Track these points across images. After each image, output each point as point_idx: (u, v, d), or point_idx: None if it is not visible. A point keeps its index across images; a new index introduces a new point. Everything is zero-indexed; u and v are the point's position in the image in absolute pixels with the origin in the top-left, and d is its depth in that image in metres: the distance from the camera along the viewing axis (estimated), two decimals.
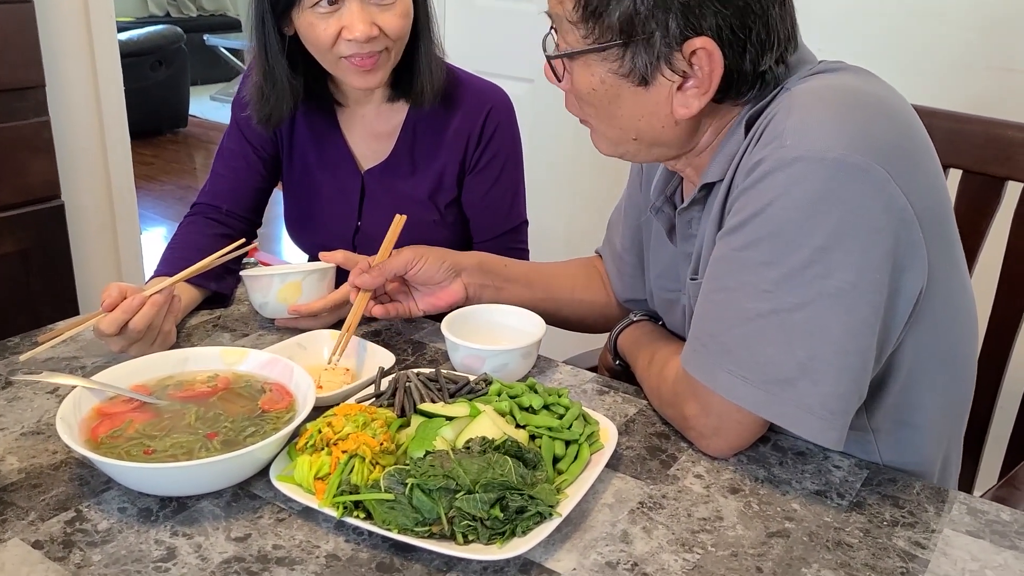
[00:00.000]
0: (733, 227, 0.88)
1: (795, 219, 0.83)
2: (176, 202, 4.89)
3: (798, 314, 0.84)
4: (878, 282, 0.84)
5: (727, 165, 0.93)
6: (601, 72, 0.91)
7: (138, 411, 0.94)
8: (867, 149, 0.81)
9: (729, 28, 0.86)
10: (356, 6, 1.24)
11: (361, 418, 0.88)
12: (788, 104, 0.87)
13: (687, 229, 1.04)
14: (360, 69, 1.28)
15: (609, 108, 0.94)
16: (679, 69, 0.88)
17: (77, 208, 2.24)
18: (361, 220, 1.47)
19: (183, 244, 1.40)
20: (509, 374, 1.09)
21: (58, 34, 2.12)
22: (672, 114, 0.92)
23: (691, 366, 0.93)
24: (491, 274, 1.23)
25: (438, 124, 1.42)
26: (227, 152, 1.49)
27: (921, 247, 0.86)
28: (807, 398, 0.85)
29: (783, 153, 0.83)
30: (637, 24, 0.86)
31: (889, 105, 0.88)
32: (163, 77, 5.95)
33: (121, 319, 1.09)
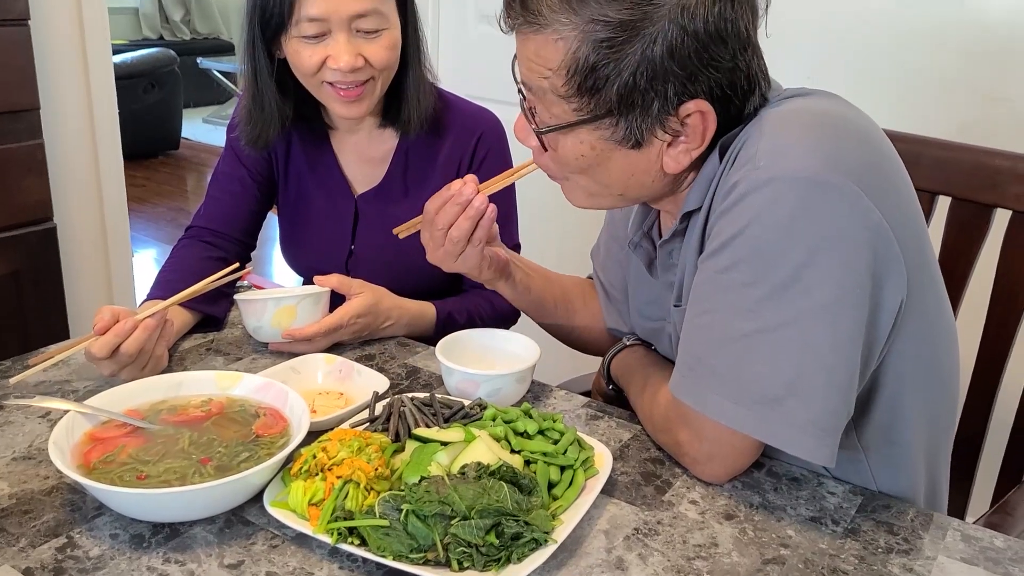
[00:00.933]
0: (713, 250, 0.89)
1: (773, 238, 0.84)
2: (168, 224, 4.88)
3: (782, 332, 0.85)
4: (859, 297, 0.85)
5: (705, 191, 0.94)
6: (591, 140, 0.92)
7: (131, 436, 0.94)
8: (838, 167, 0.83)
9: (720, 88, 0.88)
10: (343, 37, 1.24)
11: (356, 443, 0.88)
12: (759, 128, 0.89)
13: (668, 259, 1.05)
14: (345, 99, 1.29)
15: (596, 170, 0.94)
16: (671, 129, 0.90)
17: (69, 230, 2.23)
18: (354, 244, 1.47)
19: (177, 267, 1.39)
20: (504, 399, 1.09)
21: (54, 56, 2.13)
22: (661, 169, 0.93)
23: (680, 391, 0.93)
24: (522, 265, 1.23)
25: (430, 149, 1.42)
26: (222, 175, 1.49)
27: (899, 261, 0.87)
28: (797, 417, 0.86)
29: (757, 175, 0.85)
30: (636, 96, 0.87)
31: (858, 126, 0.90)
32: (156, 100, 5.97)
33: (113, 342, 1.08)
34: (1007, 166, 1.26)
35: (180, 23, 7.83)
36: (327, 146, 1.46)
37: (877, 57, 1.88)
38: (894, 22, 1.85)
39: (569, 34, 0.86)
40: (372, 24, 1.25)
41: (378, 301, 1.27)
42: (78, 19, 2.16)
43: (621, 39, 0.84)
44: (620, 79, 0.86)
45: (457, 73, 2.69)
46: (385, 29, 1.27)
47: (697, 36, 0.84)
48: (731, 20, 0.85)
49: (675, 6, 0.83)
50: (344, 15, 1.23)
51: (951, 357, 1.01)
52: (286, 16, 1.25)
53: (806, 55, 1.96)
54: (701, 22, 0.84)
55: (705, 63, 0.86)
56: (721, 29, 0.85)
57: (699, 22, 0.84)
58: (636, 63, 0.85)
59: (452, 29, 2.69)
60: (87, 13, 2.16)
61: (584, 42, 0.85)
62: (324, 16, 1.23)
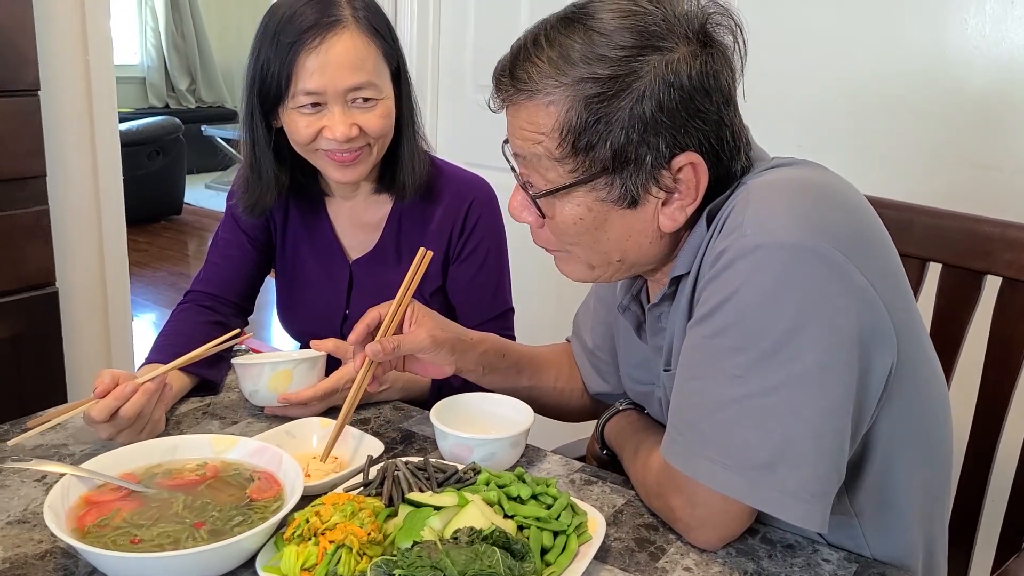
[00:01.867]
0: (701, 316, 0.91)
1: (760, 304, 0.85)
2: (168, 288, 4.91)
3: (771, 398, 0.85)
4: (847, 361, 0.85)
5: (692, 257, 0.96)
6: (588, 201, 0.93)
7: (126, 499, 0.94)
8: (823, 234, 0.85)
9: (708, 141, 0.91)
10: (338, 108, 1.28)
11: (349, 507, 0.88)
12: (746, 196, 0.91)
13: (657, 323, 1.06)
14: (340, 164, 1.32)
15: (595, 235, 0.96)
16: (665, 185, 0.92)
17: (70, 294, 2.25)
18: (349, 309, 1.49)
19: (176, 331, 1.41)
20: (497, 463, 1.09)
21: (61, 125, 2.17)
22: (658, 228, 0.95)
23: (671, 457, 0.94)
24: (487, 364, 1.22)
25: (422, 216, 1.45)
26: (222, 241, 1.52)
27: (887, 325, 0.88)
28: (788, 482, 0.86)
29: (744, 242, 0.86)
30: (629, 151, 0.89)
31: (842, 194, 0.92)
32: (160, 166, 6.06)
33: (112, 406, 1.09)
34: (997, 233, 1.28)
35: (186, 92, 7.99)
36: (323, 213, 1.49)
37: (866, 126, 1.92)
38: (882, 91, 1.90)
39: (560, 96, 0.89)
40: (367, 95, 1.29)
41: None
42: (87, 88, 2.21)
43: (611, 94, 0.87)
44: (612, 134, 0.89)
45: (454, 140, 2.75)
46: (380, 99, 1.30)
47: (683, 88, 0.88)
48: (712, 74, 0.89)
49: (660, 62, 0.87)
50: (340, 88, 1.27)
51: (943, 421, 1.02)
52: (283, 89, 1.28)
53: (795, 124, 2.00)
54: (686, 76, 0.88)
55: (692, 114, 0.89)
56: (704, 83, 0.89)
57: (683, 76, 0.88)
58: (627, 117, 0.88)
59: (450, 98, 2.75)
60: (96, 83, 2.22)
61: (576, 101, 0.88)
62: (320, 90, 1.26)
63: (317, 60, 1.25)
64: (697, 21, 0.90)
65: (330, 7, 1.27)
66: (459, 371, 1.20)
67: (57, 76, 2.13)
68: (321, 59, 1.25)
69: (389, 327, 1.13)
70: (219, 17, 8.11)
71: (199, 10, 7.88)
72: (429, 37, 2.71)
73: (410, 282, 1.17)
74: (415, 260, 1.19)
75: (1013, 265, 1.25)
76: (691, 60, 0.88)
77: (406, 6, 2.68)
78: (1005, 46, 1.77)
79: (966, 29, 1.81)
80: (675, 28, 0.89)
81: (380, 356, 1.11)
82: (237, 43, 8.00)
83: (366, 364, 1.12)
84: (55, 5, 2.11)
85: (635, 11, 0.89)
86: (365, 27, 1.28)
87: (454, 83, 2.73)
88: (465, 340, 1.18)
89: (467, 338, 1.19)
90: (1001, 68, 1.78)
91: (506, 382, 1.26)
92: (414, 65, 2.68)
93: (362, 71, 1.27)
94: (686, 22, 0.89)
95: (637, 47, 0.87)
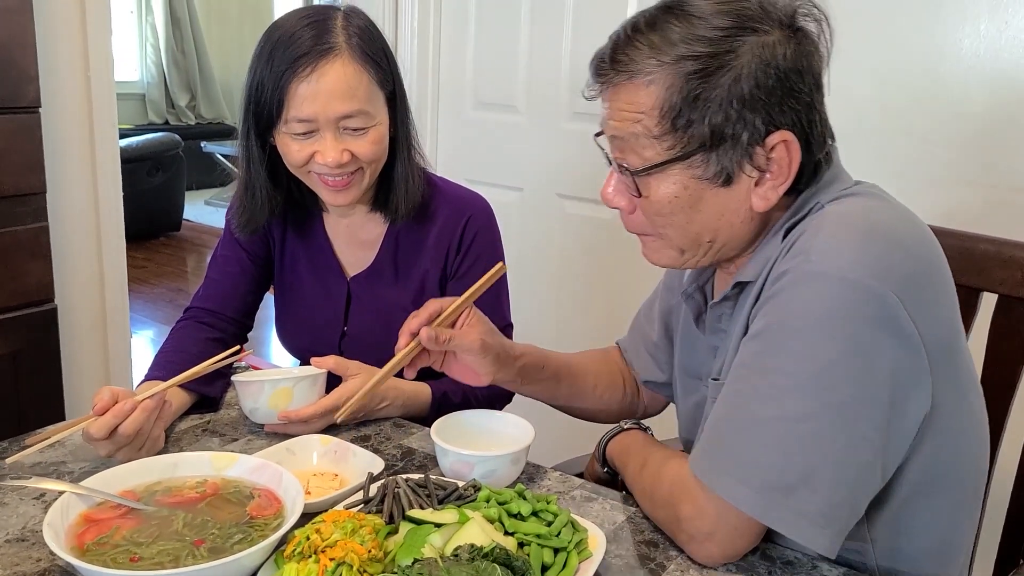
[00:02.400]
0: (754, 333, 0.93)
1: (810, 331, 0.88)
2: (167, 305, 4.90)
3: (802, 424, 0.88)
4: (879, 400, 0.88)
5: (762, 267, 0.98)
6: (684, 179, 0.96)
7: (126, 517, 0.94)
8: (883, 277, 0.87)
9: (800, 123, 0.94)
10: (330, 135, 1.28)
11: (349, 525, 0.88)
12: (819, 223, 0.93)
13: (716, 323, 1.08)
14: (332, 188, 1.33)
15: (689, 214, 0.98)
16: (758, 164, 0.95)
17: (69, 311, 2.25)
18: (347, 325, 1.49)
19: (175, 348, 1.41)
20: (498, 480, 1.09)
21: (62, 141, 2.18)
22: (750, 208, 0.97)
23: (696, 465, 0.95)
24: (525, 376, 1.23)
25: (419, 233, 1.46)
26: (221, 258, 1.52)
27: (926, 375, 0.90)
28: (804, 506, 0.88)
29: (807, 268, 0.89)
30: (726, 128, 0.92)
31: (911, 238, 0.93)
32: (159, 183, 6.07)
33: (111, 423, 1.09)
34: (992, 251, 1.29)
35: (186, 108, 8.02)
36: (320, 229, 1.49)
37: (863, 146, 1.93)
38: (879, 112, 1.91)
39: (660, 75, 0.92)
40: (359, 123, 1.29)
41: None
42: (87, 105, 2.22)
43: (709, 71, 0.91)
44: (710, 111, 0.92)
45: (454, 157, 2.76)
46: (372, 126, 1.31)
47: (779, 68, 0.91)
48: (806, 56, 0.93)
49: (756, 42, 0.91)
50: (331, 116, 1.27)
51: (978, 470, 1.03)
52: (275, 114, 1.29)
53: None
54: (781, 56, 0.91)
55: (787, 94, 0.92)
56: (799, 63, 0.93)
57: (779, 56, 0.91)
58: (725, 94, 0.91)
59: (449, 115, 2.77)
60: (96, 99, 2.23)
61: (675, 79, 0.92)
62: (312, 117, 1.27)
63: (309, 88, 1.26)
64: (789, 9, 0.94)
65: (325, 33, 1.27)
66: (497, 381, 1.20)
67: (58, 93, 2.15)
68: (313, 87, 1.26)
69: (445, 320, 1.15)
70: (219, 33, 8.16)
71: (200, 27, 7.93)
72: (429, 55, 2.73)
73: (478, 287, 1.17)
74: (491, 271, 1.18)
75: (1007, 282, 1.26)
76: (786, 43, 0.92)
77: (406, 24, 2.70)
78: (1000, 65, 1.79)
79: (961, 50, 1.82)
80: (770, 13, 0.93)
81: (432, 343, 1.12)
82: (238, 59, 8.04)
83: (411, 346, 1.13)
84: (56, 22, 2.13)
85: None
86: (358, 54, 1.28)
87: (454, 100, 2.75)
88: (508, 351, 1.20)
89: (510, 349, 1.21)
90: (996, 88, 1.80)
91: (544, 392, 1.27)
92: (414, 82, 2.69)
93: (353, 99, 1.28)
94: (779, 10, 0.94)
95: (735, 27, 0.91)
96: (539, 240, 2.62)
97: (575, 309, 2.61)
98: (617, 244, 2.47)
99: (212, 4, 8.04)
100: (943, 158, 1.87)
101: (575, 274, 2.58)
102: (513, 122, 2.62)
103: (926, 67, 1.85)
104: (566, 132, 2.51)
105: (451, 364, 1.20)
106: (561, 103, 2.50)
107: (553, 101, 2.52)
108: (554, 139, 2.54)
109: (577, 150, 2.49)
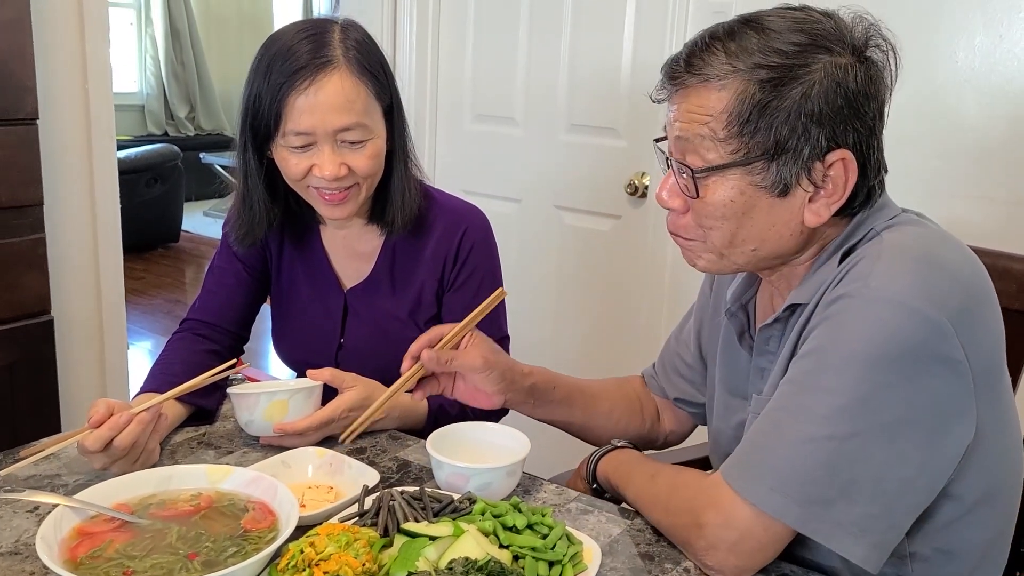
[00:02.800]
0: (807, 352, 0.95)
1: (866, 354, 0.89)
2: (164, 316, 4.90)
3: (848, 443, 0.89)
4: (924, 423, 0.90)
5: (815, 291, 0.99)
6: (742, 184, 0.97)
7: (119, 530, 0.93)
8: (939, 306, 0.89)
9: (861, 145, 0.96)
10: (327, 148, 1.28)
11: (344, 538, 0.88)
12: (878, 250, 0.95)
13: (764, 345, 1.09)
14: (329, 202, 1.33)
15: (740, 219, 0.99)
16: (815, 180, 0.96)
17: (66, 322, 2.25)
18: (344, 337, 1.49)
19: (171, 360, 1.41)
20: (493, 492, 1.09)
21: (60, 154, 2.18)
22: (802, 223, 0.99)
23: (732, 476, 0.95)
24: (537, 396, 1.24)
25: (416, 245, 1.46)
26: (218, 270, 1.52)
27: (971, 400, 0.92)
28: (842, 516, 0.89)
29: (868, 293, 0.91)
30: (791, 139, 0.94)
31: (965, 268, 0.96)
32: (158, 194, 6.07)
33: (107, 436, 1.09)
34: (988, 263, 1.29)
35: (185, 119, 8.04)
36: (317, 241, 1.49)
37: None
38: None
39: (733, 80, 0.94)
40: (356, 136, 1.29)
41: (370, 394, 1.28)
42: (85, 117, 2.22)
43: (783, 81, 0.93)
44: (777, 121, 0.93)
45: (452, 167, 2.77)
46: (369, 140, 1.31)
47: (848, 88, 0.93)
48: (876, 80, 0.96)
49: (829, 61, 0.93)
50: (329, 129, 1.27)
51: (1015, 488, 1.05)
52: (272, 128, 1.29)
53: None
54: (852, 78, 0.94)
55: (853, 115, 0.94)
56: (868, 88, 0.95)
57: (850, 77, 0.93)
58: (794, 106, 0.93)
59: (448, 125, 2.78)
60: (94, 111, 2.23)
61: (748, 84, 0.94)
62: (310, 130, 1.27)
63: (307, 101, 1.26)
64: (863, 37, 0.96)
65: (323, 47, 1.28)
66: (510, 404, 1.22)
67: (56, 105, 2.15)
68: (310, 100, 1.26)
69: (447, 344, 1.17)
70: (219, 45, 8.18)
71: (199, 38, 7.95)
72: (428, 67, 2.74)
73: (479, 312, 1.20)
74: (490, 296, 1.22)
75: (1002, 294, 1.26)
76: (857, 66, 0.94)
77: (405, 37, 2.71)
78: (995, 79, 1.79)
79: (956, 63, 1.83)
80: (844, 37, 0.95)
81: (433, 364, 1.15)
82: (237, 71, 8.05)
83: (413, 369, 1.16)
84: (55, 34, 2.13)
85: (807, 19, 0.96)
86: (356, 68, 1.29)
87: (453, 112, 2.75)
88: (515, 370, 1.21)
89: (518, 368, 1.22)
90: (991, 101, 1.80)
91: (558, 415, 1.28)
92: (413, 95, 2.70)
93: (351, 112, 1.28)
94: (854, 35, 0.96)
95: (810, 44, 0.93)
96: (537, 251, 2.62)
97: (573, 319, 2.61)
98: (614, 256, 2.47)
99: (211, 16, 8.07)
100: (940, 170, 1.87)
101: (573, 285, 2.58)
102: (511, 134, 2.63)
103: (920, 80, 1.86)
104: (564, 144, 2.52)
105: (460, 388, 1.22)
106: (559, 115, 2.51)
107: (551, 113, 2.52)
108: (552, 151, 2.54)
109: (574, 162, 2.50)
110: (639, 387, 1.38)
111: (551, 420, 1.28)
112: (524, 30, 2.53)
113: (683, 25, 2.19)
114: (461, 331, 1.18)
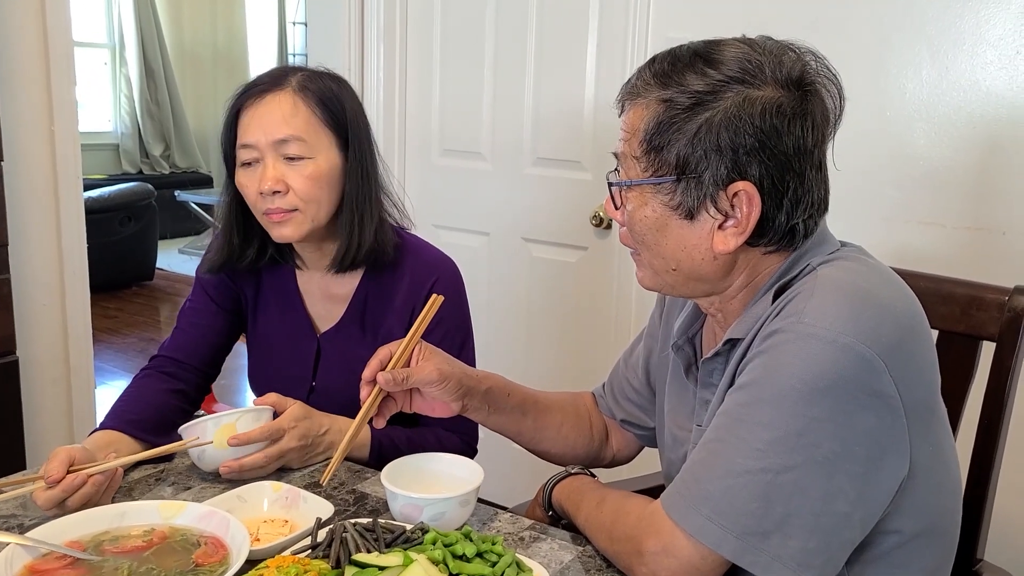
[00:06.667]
0: (741, 385, 0.96)
1: (799, 389, 0.90)
2: (137, 355, 4.86)
3: (783, 476, 0.90)
4: (857, 456, 0.91)
5: (751, 326, 1.00)
6: (654, 203, 1.00)
7: (71, 568, 0.94)
8: (873, 342, 0.90)
9: (770, 179, 0.97)
10: (269, 160, 1.34)
11: (293, 570, 0.89)
12: (812, 286, 0.96)
13: (708, 378, 1.10)
14: (272, 220, 1.37)
15: (656, 237, 1.02)
16: (722, 208, 0.98)
17: (32, 363, 2.24)
18: (315, 380, 1.50)
19: (134, 398, 1.41)
20: (447, 522, 1.10)
21: (25, 194, 2.18)
22: (711, 248, 1.00)
23: (669, 504, 0.96)
24: (492, 402, 1.25)
25: (387, 291, 1.47)
26: (190, 310, 1.54)
27: (904, 436, 0.93)
28: (779, 550, 0.90)
29: (801, 328, 0.92)
30: (691, 162, 0.97)
31: (899, 304, 0.97)
32: (132, 232, 6.05)
33: (59, 498, 1.11)
34: (932, 288, 1.32)
35: (160, 158, 8.02)
36: (293, 285, 1.51)
37: None
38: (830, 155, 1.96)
39: (652, 100, 0.98)
40: (295, 151, 1.34)
41: (311, 410, 1.33)
42: (51, 157, 2.23)
43: (690, 105, 0.96)
44: (680, 143, 0.96)
45: (422, 202, 2.79)
46: (309, 158, 1.35)
47: (754, 121, 0.95)
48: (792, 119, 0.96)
49: (741, 93, 0.95)
50: (269, 140, 1.33)
51: (953, 519, 1.06)
52: (229, 147, 1.37)
53: None
54: (759, 111, 0.95)
55: (759, 149, 0.95)
56: (780, 124, 0.95)
57: (757, 110, 0.95)
58: (695, 130, 0.95)
59: (417, 161, 2.81)
60: (60, 151, 2.24)
61: (660, 104, 0.97)
62: (254, 142, 1.34)
63: (253, 114, 1.35)
64: (798, 73, 0.97)
65: (282, 77, 1.38)
66: (465, 410, 1.22)
67: (21, 145, 2.16)
68: (257, 112, 1.34)
69: (398, 362, 1.18)
70: (194, 84, 8.20)
71: (174, 77, 7.96)
72: (396, 104, 2.77)
73: (419, 324, 1.21)
74: (427, 305, 1.24)
75: (946, 318, 1.29)
76: (774, 101, 0.95)
77: (372, 74, 2.74)
78: (942, 109, 1.85)
79: (905, 94, 1.89)
80: (773, 72, 0.96)
81: (391, 385, 1.15)
82: (211, 109, 8.08)
83: (374, 394, 1.16)
84: (20, 74, 2.14)
85: (749, 54, 0.97)
86: (305, 93, 1.36)
87: (421, 148, 2.78)
88: (470, 376, 1.22)
89: (472, 374, 1.23)
90: (939, 130, 1.86)
91: (511, 424, 1.28)
92: (381, 129, 2.73)
93: (291, 125, 1.34)
94: (782, 70, 0.97)
95: (732, 79, 0.96)
96: (506, 283, 2.65)
97: (542, 350, 2.62)
98: (582, 286, 2.50)
99: (186, 55, 8.10)
100: (894, 198, 1.92)
101: (541, 315, 2.61)
102: (479, 168, 2.66)
103: (872, 110, 1.91)
104: (530, 177, 2.55)
105: (418, 402, 1.22)
106: (525, 149, 2.55)
107: (517, 148, 2.56)
108: (519, 184, 2.58)
109: (541, 195, 2.53)
110: (590, 404, 1.39)
111: (504, 429, 1.28)
112: (489, 67, 2.58)
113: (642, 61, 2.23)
114: (408, 346, 1.18)
